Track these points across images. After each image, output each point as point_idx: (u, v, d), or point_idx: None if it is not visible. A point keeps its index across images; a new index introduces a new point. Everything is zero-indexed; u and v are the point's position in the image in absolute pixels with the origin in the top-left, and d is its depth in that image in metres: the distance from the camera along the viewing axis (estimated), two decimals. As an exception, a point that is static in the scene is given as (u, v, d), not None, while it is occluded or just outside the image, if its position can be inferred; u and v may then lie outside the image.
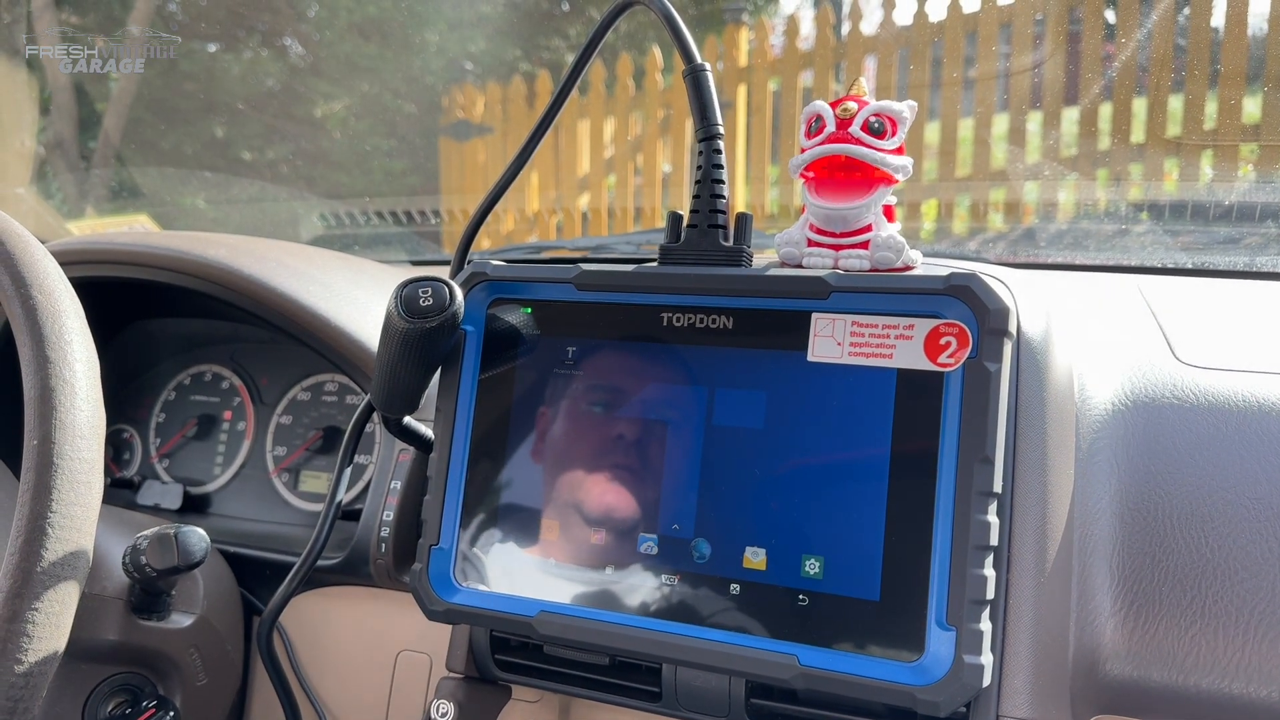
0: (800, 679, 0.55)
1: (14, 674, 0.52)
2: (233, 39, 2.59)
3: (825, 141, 0.60)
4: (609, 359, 0.63)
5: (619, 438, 0.62)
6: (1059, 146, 2.00)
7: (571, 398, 0.63)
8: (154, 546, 0.70)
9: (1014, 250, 1.58)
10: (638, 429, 0.62)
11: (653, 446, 0.61)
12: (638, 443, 0.61)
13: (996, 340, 0.54)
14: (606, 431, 0.62)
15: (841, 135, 0.60)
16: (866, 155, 0.59)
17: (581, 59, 0.70)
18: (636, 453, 0.61)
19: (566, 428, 0.63)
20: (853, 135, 0.60)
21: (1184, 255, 1.09)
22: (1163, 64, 1.70)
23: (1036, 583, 0.59)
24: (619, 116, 2.75)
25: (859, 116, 0.60)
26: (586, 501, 0.62)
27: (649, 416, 0.61)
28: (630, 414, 0.62)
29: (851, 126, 0.60)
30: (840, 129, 0.60)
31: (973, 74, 2.21)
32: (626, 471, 0.62)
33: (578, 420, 0.63)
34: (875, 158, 0.59)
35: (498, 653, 0.69)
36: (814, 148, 0.61)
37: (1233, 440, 0.64)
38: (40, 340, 0.58)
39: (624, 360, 0.63)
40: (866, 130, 0.60)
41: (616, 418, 0.62)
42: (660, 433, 0.61)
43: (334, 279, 0.92)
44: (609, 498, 0.62)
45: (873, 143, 0.60)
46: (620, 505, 0.61)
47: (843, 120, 0.60)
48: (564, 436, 0.63)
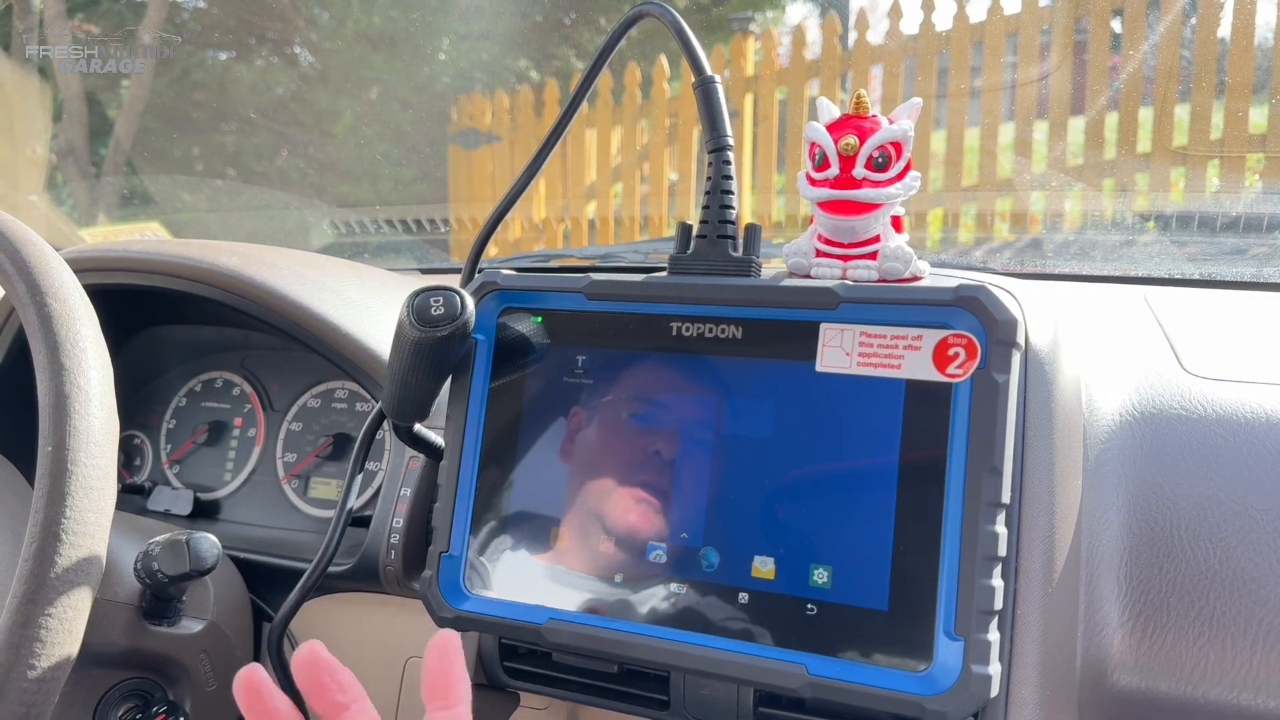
0: (808, 688, 0.55)
1: (27, 679, 0.53)
2: (244, 48, 2.61)
3: (830, 185, 0.61)
4: (619, 368, 0.63)
5: (628, 446, 0.62)
6: (1065, 156, 2.00)
7: (581, 406, 0.64)
8: (166, 552, 0.70)
9: (1020, 260, 1.58)
10: (647, 438, 0.62)
11: (662, 455, 0.61)
12: (647, 451, 0.62)
13: (1005, 351, 0.54)
14: (615, 440, 0.63)
15: (845, 179, 0.60)
16: (872, 198, 0.60)
17: (593, 70, 0.70)
18: (645, 461, 0.62)
19: (576, 436, 0.64)
20: (856, 178, 0.60)
21: (1190, 266, 1.09)
22: (1169, 74, 1.71)
23: (1044, 593, 0.59)
24: (626, 125, 2.76)
25: (862, 154, 0.60)
26: (595, 509, 0.62)
27: (658, 425, 0.62)
28: (639, 423, 0.62)
29: (855, 168, 0.60)
30: (844, 170, 0.60)
31: (979, 84, 2.21)
32: (635, 480, 0.62)
33: (587, 429, 0.63)
34: (880, 197, 0.60)
35: (506, 660, 0.69)
36: (819, 190, 0.61)
37: (1240, 451, 0.64)
38: (55, 347, 0.58)
39: (633, 369, 0.63)
40: (870, 167, 0.60)
41: (626, 426, 0.63)
42: (669, 441, 0.61)
43: (344, 287, 0.93)
44: (618, 506, 0.62)
45: (877, 179, 0.60)
46: (629, 514, 0.62)
47: (845, 158, 0.60)
48: (574, 445, 0.64)
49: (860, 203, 0.60)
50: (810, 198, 0.62)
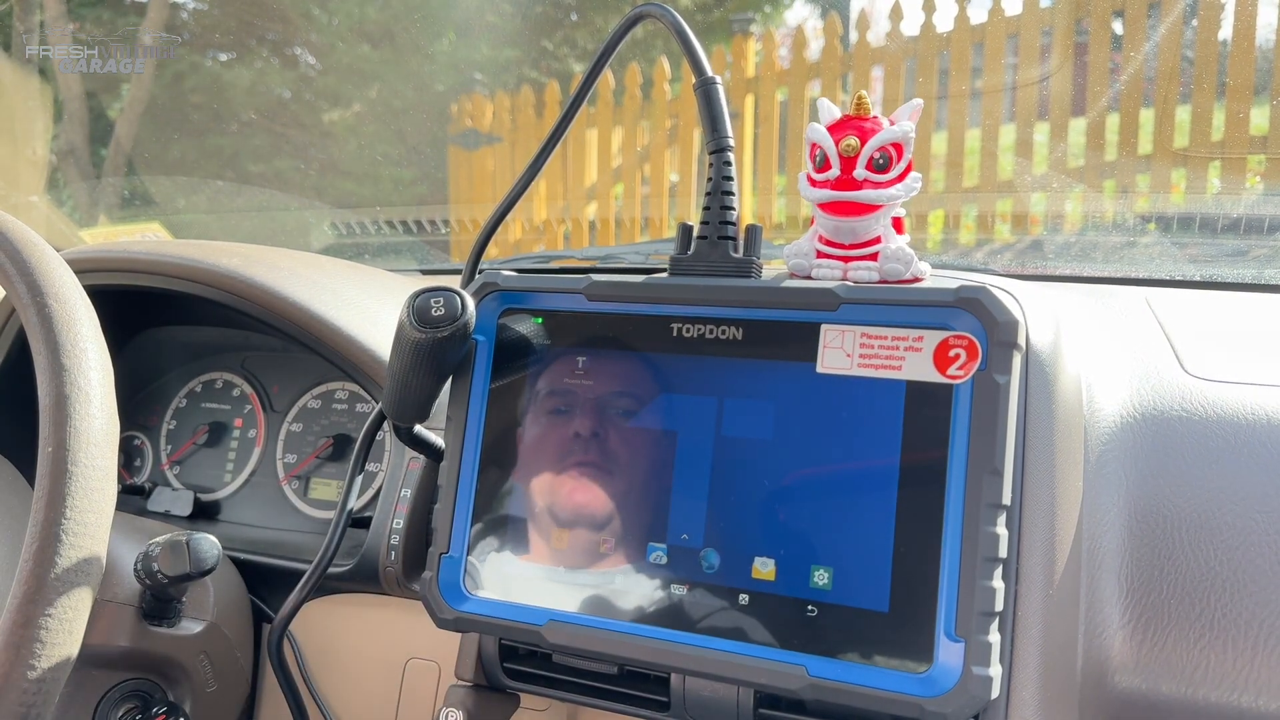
0: (809, 690, 0.55)
1: (27, 680, 0.53)
2: (243, 48, 2.61)
3: (831, 186, 0.61)
4: (619, 369, 0.63)
5: (629, 447, 0.62)
6: (1066, 158, 2.00)
7: (581, 408, 0.64)
8: (166, 553, 0.70)
9: (1021, 261, 1.58)
10: (647, 439, 0.62)
11: (662, 456, 0.61)
12: (647, 453, 0.62)
13: (1006, 353, 0.54)
14: (617, 441, 0.63)
15: (846, 180, 0.60)
16: (873, 199, 0.60)
17: (594, 71, 0.70)
18: (646, 463, 0.62)
19: (576, 437, 0.64)
20: (857, 179, 0.60)
21: (1192, 267, 1.09)
22: (1170, 75, 1.71)
23: (1045, 594, 0.59)
24: (627, 126, 2.76)
25: (863, 155, 0.60)
26: (596, 511, 0.62)
27: (659, 426, 0.62)
28: (640, 424, 0.62)
29: (856, 169, 0.60)
30: (845, 171, 0.60)
31: (980, 85, 2.21)
32: (636, 481, 0.62)
33: (588, 430, 0.63)
34: (882, 198, 0.60)
35: (506, 661, 0.69)
36: (820, 191, 0.61)
37: (1241, 452, 0.64)
38: (56, 348, 0.58)
39: (634, 370, 0.63)
40: (871, 169, 0.60)
41: (626, 427, 0.63)
42: (670, 443, 0.61)
43: (344, 287, 0.93)
44: (619, 507, 0.62)
45: (878, 180, 0.60)
46: (630, 515, 0.62)
47: (846, 159, 0.60)
48: (574, 446, 0.64)
49: (861, 204, 0.60)
50: (811, 199, 0.62)
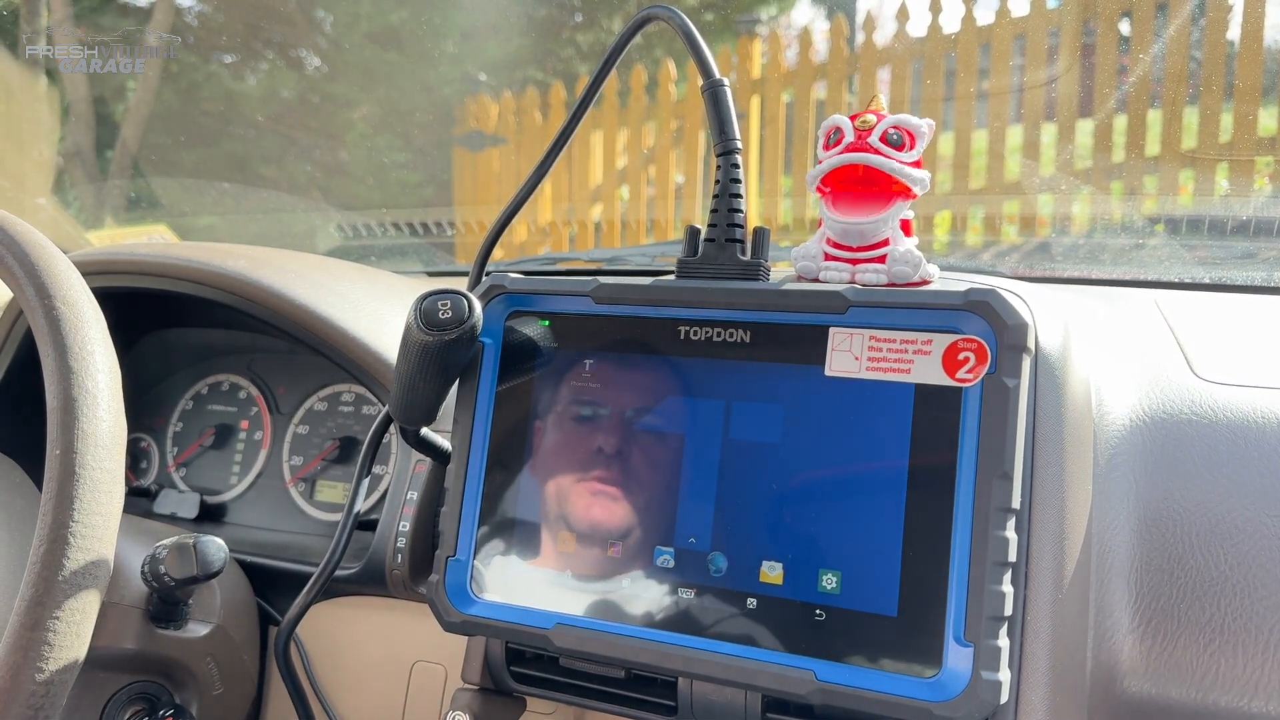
0: (817, 694, 0.55)
1: (35, 682, 0.53)
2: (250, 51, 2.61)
3: (844, 151, 0.61)
4: (626, 372, 0.63)
5: (636, 451, 0.62)
6: (1073, 159, 2.00)
7: (589, 410, 0.64)
8: (173, 556, 0.70)
9: (1028, 263, 1.58)
10: (655, 442, 0.62)
11: (670, 460, 0.61)
12: (655, 456, 0.62)
13: (1015, 356, 0.54)
14: (624, 444, 0.63)
15: (861, 145, 0.60)
16: (885, 165, 0.59)
17: (600, 73, 0.70)
18: (653, 466, 0.62)
19: (583, 440, 0.63)
20: (871, 145, 0.60)
21: (1200, 269, 1.08)
22: (1178, 77, 1.70)
23: (1054, 599, 0.58)
24: (632, 127, 2.76)
25: (878, 128, 0.60)
26: (603, 514, 0.62)
27: (666, 429, 0.62)
28: (647, 427, 0.62)
29: (870, 137, 0.60)
30: (859, 139, 0.60)
31: (987, 86, 2.21)
32: (644, 484, 0.62)
33: (594, 433, 0.63)
34: (894, 167, 0.59)
35: (513, 664, 0.69)
36: (831, 155, 0.61)
37: (1251, 456, 0.64)
38: (63, 351, 0.58)
39: (641, 373, 0.63)
40: (885, 142, 0.60)
41: (634, 431, 0.62)
42: (677, 446, 0.61)
43: (351, 290, 0.93)
44: (626, 510, 0.62)
45: (891, 154, 0.60)
46: (637, 518, 0.61)
47: (861, 131, 0.60)
48: (581, 449, 0.63)
49: (872, 187, 0.60)
50: (820, 172, 0.61)
